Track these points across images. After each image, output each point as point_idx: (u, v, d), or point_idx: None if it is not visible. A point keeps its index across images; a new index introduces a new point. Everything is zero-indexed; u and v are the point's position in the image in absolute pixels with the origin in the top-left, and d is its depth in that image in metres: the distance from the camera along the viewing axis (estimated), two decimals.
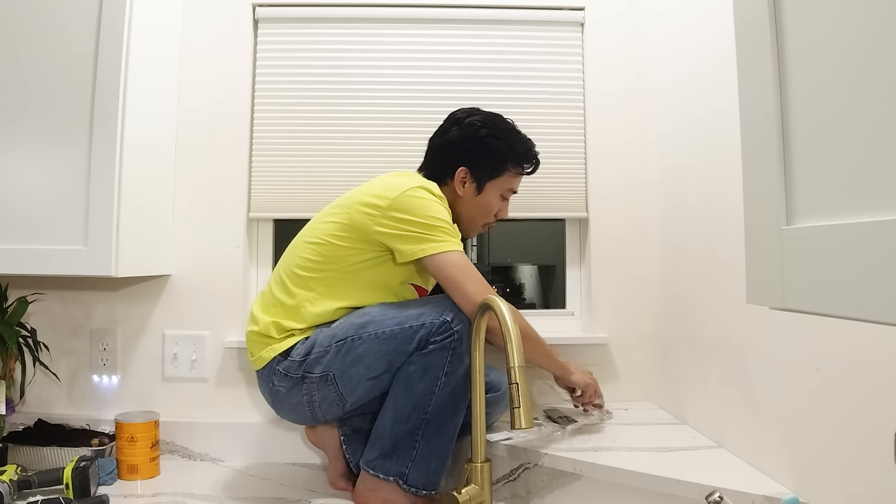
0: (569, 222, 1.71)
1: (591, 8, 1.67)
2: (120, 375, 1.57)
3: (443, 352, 1.16)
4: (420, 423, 1.17)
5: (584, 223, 1.67)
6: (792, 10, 0.51)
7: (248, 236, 1.64)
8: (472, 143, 1.33)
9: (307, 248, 1.29)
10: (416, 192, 1.24)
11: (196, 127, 1.61)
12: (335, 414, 1.27)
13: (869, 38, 0.42)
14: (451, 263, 1.20)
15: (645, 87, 1.65)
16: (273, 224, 1.69)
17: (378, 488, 1.19)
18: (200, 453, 1.52)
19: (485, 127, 1.34)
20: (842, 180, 0.45)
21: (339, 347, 1.20)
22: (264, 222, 1.68)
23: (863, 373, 0.81)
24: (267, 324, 1.28)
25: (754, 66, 0.55)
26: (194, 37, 1.62)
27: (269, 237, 1.68)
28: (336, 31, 1.65)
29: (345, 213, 1.27)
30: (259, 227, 1.67)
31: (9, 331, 1.34)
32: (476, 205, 1.36)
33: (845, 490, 0.84)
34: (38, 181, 1.31)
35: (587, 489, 1.16)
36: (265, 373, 1.28)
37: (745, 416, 1.12)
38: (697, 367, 1.36)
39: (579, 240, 1.70)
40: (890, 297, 0.38)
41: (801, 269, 0.48)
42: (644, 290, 1.63)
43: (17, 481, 1.20)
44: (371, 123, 1.64)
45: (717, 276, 1.24)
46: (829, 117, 0.46)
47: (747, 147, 0.56)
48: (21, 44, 1.32)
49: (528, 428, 0.96)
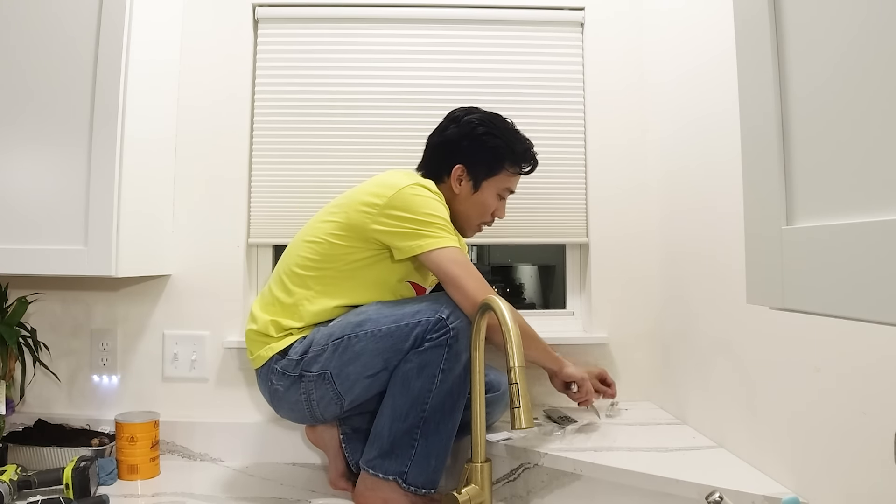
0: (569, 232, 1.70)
1: (591, 8, 1.67)
2: (120, 375, 1.57)
3: (439, 349, 1.16)
4: (418, 422, 1.17)
5: (585, 228, 1.67)
6: (792, 11, 0.51)
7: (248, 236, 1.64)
8: (469, 141, 1.34)
9: (306, 247, 1.29)
10: (414, 190, 1.24)
11: (196, 127, 1.61)
12: (333, 412, 1.27)
13: (868, 40, 0.42)
14: (449, 260, 1.20)
15: (646, 87, 1.65)
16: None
17: (378, 488, 1.19)
18: (200, 453, 1.52)
19: (482, 125, 1.35)
20: (842, 180, 0.45)
21: (336, 346, 1.20)
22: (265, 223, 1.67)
23: (863, 373, 0.81)
24: (266, 322, 1.28)
25: (754, 66, 0.55)
26: (194, 37, 1.62)
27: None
28: (336, 31, 1.65)
29: (343, 213, 1.27)
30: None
31: (9, 331, 1.34)
32: (472, 203, 1.36)
33: (845, 490, 0.84)
34: (38, 181, 1.31)
35: (587, 489, 1.16)
36: (264, 371, 1.29)
37: (745, 416, 1.12)
38: (697, 367, 1.36)
39: (578, 245, 1.70)
40: (890, 297, 0.38)
41: (800, 270, 0.48)
42: (644, 290, 1.63)
43: (17, 481, 1.20)
44: (371, 123, 1.64)
45: (718, 276, 1.24)
46: (829, 117, 0.46)
47: (747, 147, 0.56)
48: (21, 44, 1.32)
49: (528, 428, 0.96)
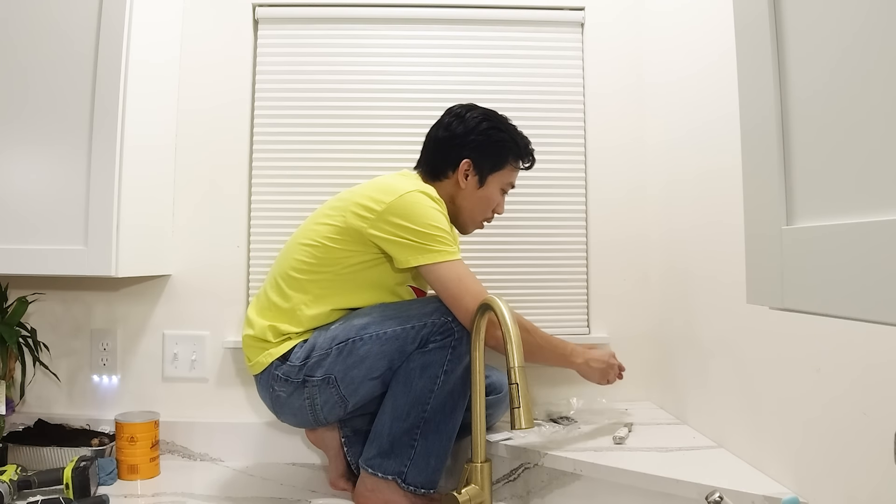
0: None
1: (591, 8, 1.67)
2: (120, 375, 1.57)
3: (442, 350, 1.16)
4: (419, 422, 1.17)
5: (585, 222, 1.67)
6: (792, 13, 0.51)
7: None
8: (476, 135, 1.34)
9: (301, 250, 1.28)
10: (414, 197, 1.22)
11: (196, 127, 1.61)
12: (337, 415, 1.26)
13: (868, 40, 0.42)
14: (446, 277, 1.19)
15: (646, 87, 1.65)
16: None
17: (378, 489, 1.19)
18: (200, 453, 1.52)
19: (487, 120, 1.35)
20: (842, 180, 0.45)
21: (341, 349, 1.20)
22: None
23: (863, 373, 0.81)
24: (263, 328, 1.27)
25: (754, 67, 0.55)
26: (194, 37, 1.62)
27: None
28: (336, 31, 1.65)
29: (339, 216, 1.25)
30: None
31: (9, 331, 1.34)
32: (477, 198, 1.36)
33: (845, 490, 0.84)
34: (38, 181, 1.31)
35: (587, 489, 1.16)
36: (264, 378, 1.27)
37: (745, 416, 1.13)
38: (697, 367, 1.36)
39: None
40: (890, 297, 0.38)
41: (800, 270, 0.48)
42: (644, 290, 1.63)
43: (17, 481, 1.20)
44: (371, 123, 1.64)
45: (718, 275, 1.24)
46: (829, 118, 0.46)
47: (747, 147, 0.56)
48: (21, 44, 1.32)
49: (528, 428, 0.96)
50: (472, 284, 1.18)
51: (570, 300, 1.65)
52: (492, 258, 1.64)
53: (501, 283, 1.64)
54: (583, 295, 1.66)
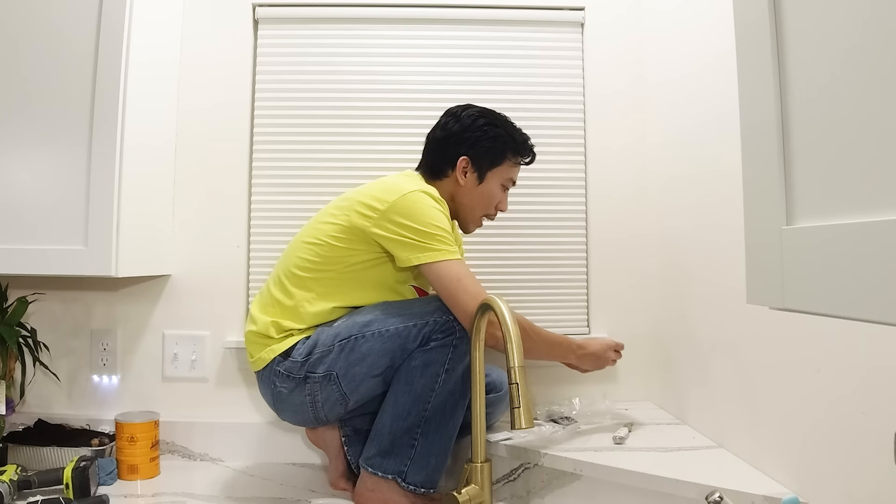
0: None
1: (591, 8, 1.67)
2: (120, 375, 1.57)
3: (444, 349, 1.17)
4: (419, 421, 1.17)
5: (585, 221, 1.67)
6: (792, 14, 0.51)
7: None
8: (472, 132, 1.34)
9: (305, 249, 1.29)
10: (417, 197, 1.23)
11: (196, 127, 1.61)
12: (337, 413, 1.26)
13: (869, 41, 0.42)
14: (445, 276, 1.19)
15: (646, 87, 1.65)
16: None
17: (378, 489, 1.19)
18: (200, 453, 1.52)
19: (483, 117, 1.36)
20: (842, 180, 0.45)
21: (343, 346, 1.20)
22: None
23: (863, 373, 0.81)
24: (266, 324, 1.28)
25: (754, 67, 0.55)
26: (194, 37, 1.62)
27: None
28: (336, 31, 1.65)
29: (343, 215, 1.27)
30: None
31: (9, 331, 1.34)
32: (477, 194, 1.37)
33: (845, 490, 0.84)
34: (38, 181, 1.31)
35: (587, 489, 1.16)
36: (266, 374, 1.28)
37: (745, 416, 1.13)
38: (697, 367, 1.36)
39: None
40: (890, 297, 0.38)
41: (800, 270, 0.48)
42: (644, 290, 1.63)
43: (17, 481, 1.20)
44: (371, 123, 1.64)
45: (717, 275, 1.24)
46: (830, 118, 0.46)
47: (747, 147, 0.56)
48: (21, 44, 1.32)
49: (528, 428, 0.96)
50: (470, 285, 1.18)
51: (569, 299, 1.66)
52: (492, 258, 1.64)
53: (501, 282, 1.64)
54: (583, 294, 1.66)
